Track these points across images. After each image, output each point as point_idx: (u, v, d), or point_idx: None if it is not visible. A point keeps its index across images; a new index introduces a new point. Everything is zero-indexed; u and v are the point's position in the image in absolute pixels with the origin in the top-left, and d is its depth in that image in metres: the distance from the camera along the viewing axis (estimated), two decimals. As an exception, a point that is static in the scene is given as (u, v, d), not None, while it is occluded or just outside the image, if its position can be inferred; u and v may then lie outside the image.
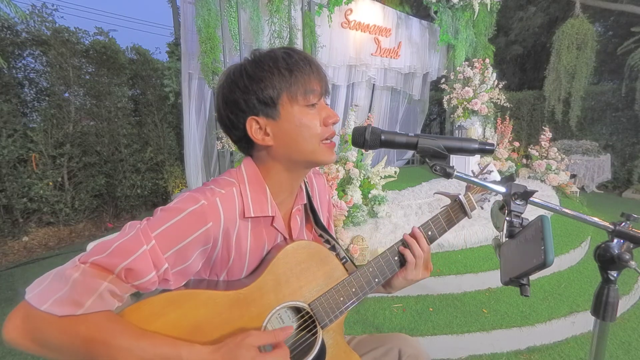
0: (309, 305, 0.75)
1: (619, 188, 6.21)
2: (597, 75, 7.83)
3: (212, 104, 3.78)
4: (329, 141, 0.73)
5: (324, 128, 0.72)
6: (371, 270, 0.80)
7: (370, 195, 3.00)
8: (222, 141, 3.04)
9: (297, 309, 0.77)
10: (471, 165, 4.53)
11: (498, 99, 4.68)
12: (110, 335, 0.55)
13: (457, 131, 4.84)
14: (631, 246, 0.58)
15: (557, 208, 0.66)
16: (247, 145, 0.75)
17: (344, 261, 0.83)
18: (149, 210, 5.12)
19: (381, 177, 3.09)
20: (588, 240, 2.92)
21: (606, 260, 0.58)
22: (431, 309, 2.10)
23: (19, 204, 3.93)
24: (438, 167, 0.68)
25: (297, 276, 0.74)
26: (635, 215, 0.60)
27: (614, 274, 0.59)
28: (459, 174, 0.69)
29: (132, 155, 5.01)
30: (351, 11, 4.31)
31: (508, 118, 5.00)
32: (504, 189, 0.66)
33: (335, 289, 0.77)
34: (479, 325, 1.94)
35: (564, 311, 2.04)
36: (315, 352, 0.75)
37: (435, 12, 4.87)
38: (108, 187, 4.84)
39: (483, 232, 2.70)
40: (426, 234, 0.84)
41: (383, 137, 0.71)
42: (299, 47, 3.66)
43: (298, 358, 0.75)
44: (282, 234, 0.78)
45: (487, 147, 0.71)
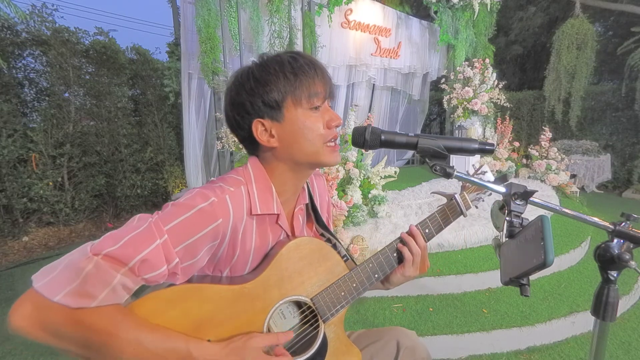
0: (311, 299, 0.77)
1: (619, 188, 6.21)
2: (597, 75, 7.84)
3: (212, 104, 3.78)
4: (332, 143, 0.75)
5: (327, 130, 0.73)
6: (371, 266, 0.83)
7: (370, 195, 3.00)
8: (222, 141, 3.03)
9: (299, 303, 0.79)
10: (471, 165, 4.54)
11: (498, 99, 4.68)
12: (122, 328, 0.56)
13: (457, 131, 4.84)
14: (631, 246, 0.58)
15: (557, 208, 0.66)
16: (252, 146, 0.77)
17: (344, 259, 0.85)
18: (149, 210, 5.04)
19: (381, 177, 3.09)
20: (588, 240, 2.92)
21: (606, 260, 0.58)
22: (431, 309, 2.10)
23: (19, 204, 3.93)
24: (438, 167, 0.68)
25: (300, 271, 0.76)
26: (635, 215, 0.60)
27: (614, 274, 0.59)
28: (458, 174, 0.69)
29: (132, 155, 5.01)
30: (351, 11, 4.31)
31: (508, 118, 5.00)
32: (504, 189, 0.66)
33: (337, 284, 0.79)
34: (479, 325, 1.94)
35: (564, 311, 2.04)
36: (317, 345, 0.77)
37: (435, 12, 4.87)
38: (108, 187, 4.84)
39: (483, 232, 2.70)
40: (423, 232, 0.86)
41: (383, 137, 0.72)
42: (298, 47, 3.67)
43: (300, 351, 0.76)
44: (285, 232, 0.79)
45: (487, 147, 0.71)
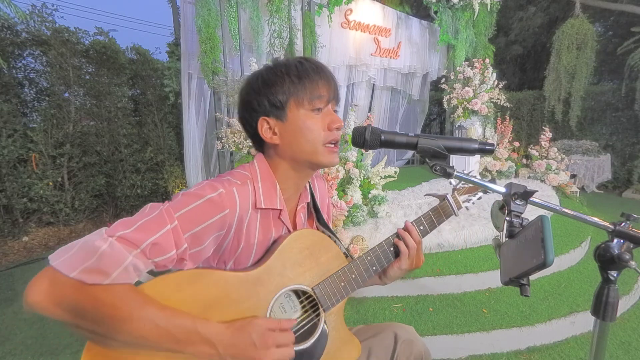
0: (312, 289, 0.80)
1: (619, 188, 6.21)
2: (597, 75, 7.84)
3: (212, 104, 3.78)
4: (332, 145, 0.78)
5: (327, 132, 0.77)
6: (369, 259, 0.86)
7: (370, 195, 3.00)
8: (222, 141, 3.03)
9: (301, 292, 0.81)
10: (471, 165, 4.54)
11: (498, 99, 4.67)
12: (132, 304, 0.59)
13: (457, 131, 4.84)
14: (631, 246, 0.58)
15: (557, 208, 0.66)
16: (259, 143, 0.82)
17: (344, 255, 0.88)
18: (149, 210, 5.06)
19: (381, 177, 3.09)
20: (588, 240, 2.92)
21: (606, 260, 0.58)
22: (431, 309, 2.10)
23: (19, 204, 3.93)
24: (438, 167, 0.68)
25: (302, 261, 0.79)
26: (635, 215, 0.60)
27: (614, 274, 0.59)
28: (459, 174, 0.69)
29: (132, 155, 5.01)
30: (351, 11, 4.31)
31: (508, 118, 4.99)
32: (504, 189, 0.66)
33: (337, 274, 0.83)
34: (479, 325, 1.94)
35: (564, 311, 2.04)
36: (318, 334, 0.80)
37: (435, 12, 4.87)
38: (108, 187, 4.84)
39: (483, 232, 2.70)
40: (418, 228, 0.92)
41: (383, 137, 0.72)
42: (298, 47, 3.67)
43: (301, 339, 0.78)
44: (287, 227, 0.83)
45: (487, 147, 0.71)
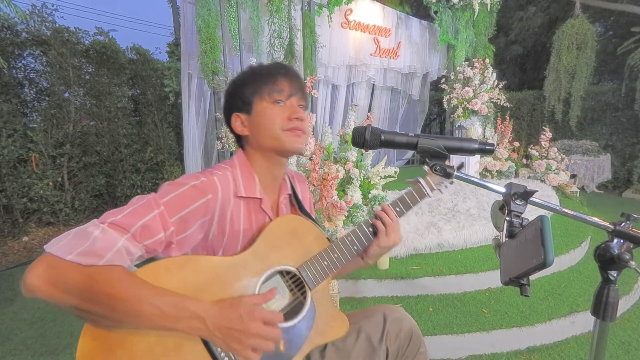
0: (297, 269, 0.84)
1: (619, 188, 6.22)
2: (597, 75, 7.83)
3: (212, 104, 3.78)
4: (294, 130, 0.85)
5: (287, 121, 0.84)
6: (350, 239, 0.91)
7: (370, 195, 3.00)
8: (222, 141, 3.04)
9: (287, 273, 0.86)
10: (472, 165, 4.54)
11: (498, 99, 4.68)
12: (127, 284, 0.63)
13: (457, 131, 4.84)
14: (631, 246, 0.58)
15: (557, 208, 0.66)
16: (237, 138, 0.91)
17: (327, 238, 0.94)
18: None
19: (381, 177, 3.09)
20: (588, 240, 2.92)
21: (606, 260, 0.58)
22: (431, 309, 2.10)
23: (19, 204, 3.93)
24: (438, 167, 0.68)
25: (286, 244, 0.85)
26: (635, 215, 0.60)
27: (614, 274, 0.59)
28: (459, 174, 0.69)
29: (132, 155, 5.01)
30: (351, 11, 4.31)
31: (508, 118, 5.00)
32: (504, 189, 0.66)
33: (320, 255, 0.87)
34: (479, 325, 1.94)
35: (564, 311, 2.04)
36: (305, 311, 0.83)
37: (435, 12, 4.87)
38: (108, 187, 4.84)
39: (483, 232, 2.70)
40: (394, 210, 0.96)
41: (383, 137, 0.72)
42: (298, 47, 3.67)
43: (290, 317, 0.82)
44: (269, 217, 0.88)
45: (487, 147, 0.71)
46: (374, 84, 5.25)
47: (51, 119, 4.12)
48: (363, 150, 3.01)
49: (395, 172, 3.13)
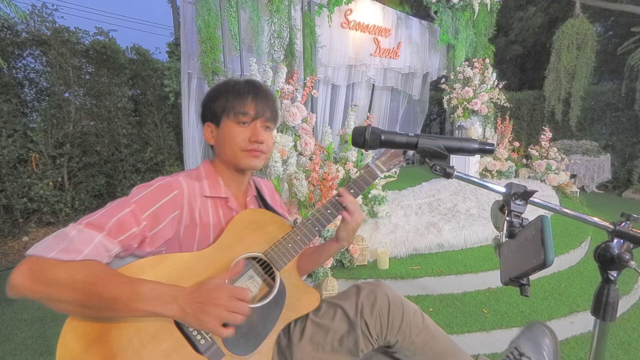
0: (263, 253, 0.91)
1: (619, 188, 6.21)
2: (597, 75, 7.83)
3: (212, 104, 3.78)
4: (253, 152, 0.92)
5: (247, 143, 0.91)
6: (310, 222, 0.97)
7: (370, 195, 3.00)
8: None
9: (255, 260, 0.93)
10: (472, 165, 4.54)
11: (498, 99, 4.68)
12: (105, 272, 0.69)
13: (457, 131, 4.84)
14: (631, 246, 0.58)
15: (557, 208, 0.66)
16: (210, 145, 0.99)
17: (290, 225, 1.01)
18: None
19: (381, 177, 3.09)
20: (588, 240, 2.92)
21: (606, 260, 0.58)
22: (431, 309, 2.10)
23: (19, 204, 3.93)
24: (438, 167, 0.68)
25: (251, 234, 0.92)
26: (635, 215, 0.60)
27: (614, 274, 0.59)
28: (459, 174, 0.69)
29: (132, 155, 5.01)
30: (351, 11, 4.31)
31: (508, 118, 5.00)
32: (504, 189, 0.66)
33: (284, 239, 0.94)
34: (479, 325, 1.94)
35: (564, 311, 2.04)
36: (277, 289, 0.89)
37: (435, 12, 4.86)
38: (108, 187, 4.84)
39: (483, 232, 2.70)
40: (349, 191, 1.01)
41: (383, 137, 0.72)
42: (298, 47, 3.66)
43: (263, 297, 0.88)
44: (237, 213, 0.95)
45: (487, 147, 0.71)
46: (374, 84, 5.24)
47: (51, 119, 4.12)
48: (363, 150, 3.01)
49: (395, 172, 3.13)
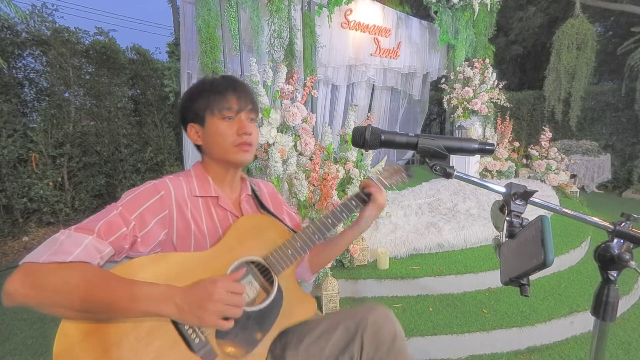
0: (263, 258, 0.91)
1: (619, 188, 6.21)
2: (597, 75, 7.83)
3: (212, 104, 3.78)
4: (244, 146, 0.92)
5: (236, 136, 0.92)
6: (311, 229, 0.97)
7: (370, 195, 2.99)
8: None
9: (254, 264, 0.93)
10: (472, 165, 4.54)
11: (498, 99, 4.68)
12: (98, 274, 0.69)
13: (457, 131, 4.84)
14: (631, 246, 0.58)
15: (557, 208, 0.66)
16: (196, 145, 0.99)
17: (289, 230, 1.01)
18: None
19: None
20: (588, 240, 2.92)
21: (606, 260, 0.58)
22: (431, 309, 2.10)
23: (19, 204, 3.93)
24: (438, 167, 0.68)
25: (252, 238, 0.92)
26: (635, 215, 0.60)
27: (614, 274, 0.59)
28: (459, 174, 0.69)
29: (132, 155, 5.01)
30: (351, 11, 4.31)
31: (508, 118, 5.00)
32: (504, 189, 0.66)
33: (284, 244, 0.94)
34: (479, 325, 1.94)
35: (564, 311, 2.04)
36: (274, 294, 0.89)
37: (435, 12, 4.87)
38: (108, 187, 4.84)
39: (483, 232, 2.70)
40: (350, 203, 1.03)
41: (383, 137, 0.72)
42: (298, 47, 3.66)
43: (260, 301, 0.89)
44: (231, 212, 0.96)
45: (487, 147, 0.71)
46: (373, 84, 5.24)
47: (51, 119, 4.12)
48: (363, 150, 3.01)
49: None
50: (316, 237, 0.97)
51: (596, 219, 0.62)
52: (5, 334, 2.24)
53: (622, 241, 0.58)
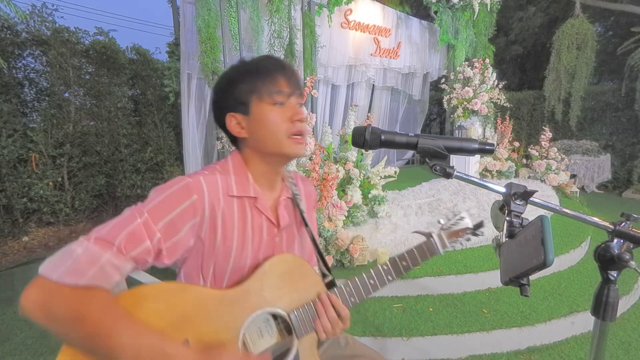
0: (288, 314, 0.79)
1: (619, 188, 6.21)
2: (597, 75, 7.83)
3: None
4: (297, 136, 0.81)
5: (290, 124, 0.79)
6: (348, 289, 0.85)
7: (370, 195, 3.00)
8: (222, 141, 3.03)
9: (276, 316, 0.81)
10: (472, 165, 4.54)
11: (498, 99, 4.67)
12: (103, 316, 0.61)
13: (457, 131, 4.84)
14: (631, 246, 0.58)
15: (557, 208, 0.66)
16: (231, 138, 0.86)
17: (325, 279, 0.88)
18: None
19: (381, 177, 3.09)
20: (588, 240, 2.92)
21: (606, 260, 0.58)
22: (431, 309, 2.10)
23: (19, 204, 3.93)
24: (438, 167, 0.68)
25: (281, 285, 0.80)
26: (635, 215, 0.60)
27: (614, 274, 0.59)
28: (459, 174, 0.69)
29: (132, 155, 5.01)
30: (351, 11, 4.30)
31: (508, 118, 5.00)
32: (504, 189, 0.66)
33: (314, 303, 0.82)
34: (479, 325, 1.94)
35: (564, 311, 2.04)
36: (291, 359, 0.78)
37: (435, 12, 4.86)
38: (108, 187, 4.84)
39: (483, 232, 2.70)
40: (400, 264, 0.89)
41: (383, 137, 0.72)
42: (298, 47, 3.66)
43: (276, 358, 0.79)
44: (266, 216, 0.83)
45: (487, 147, 0.71)
46: (373, 84, 5.24)
47: (51, 119, 4.12)
48: (363, 150, 3.01)
49: (395, 172, 3.13)
50: (352, 300, 0.85)
51: (596, 219, 0.62)
52: (5, 334, 2.24)
53: (622, 241, 0.58)
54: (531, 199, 0.64)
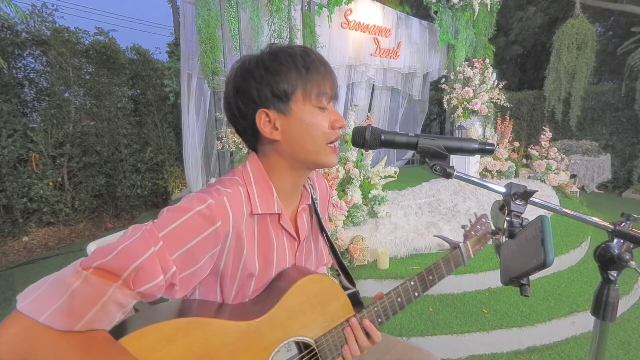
0: (315, 341, 0.74)
1: (619, 188, 6.21)
2: (597, 75, 7.83)
3: (212, 104, 3.78)
4: (333, 145, 0.73)
5: (331, 131, 0.71)
6: (376, 310, 0.81)
7: (370, 195, 3.00)
8: (222, 141, 3.03)
9: (302, 344, 0.77)
10: (472, 165, 4.54)
11: (498, 99, 4.68)
12: None
13: (457, 131, 4.84)
14: (631, 246, 0.58)
15: (557, 208, 0.66)
16: (252, 138, 0.73)
17: (347, 291, 0.83)
18: (149, 210, 5.16)
19: (381, 177, 3.09)
20: (588, 240, 2.92)
21: (606, 260, 0.58)
22: (431, 309, 2.10)
23: (19, 204, 3.93)
24: (438, 167, 0.68)
25: (307, 311, 0.74)
26: (635, 215, 0.60)
27: (614, 274, 0.59)
28: (459, 174, 0.69)
29: (132, 155, 5.01)
30: (351, 11, 4.31)
31: (508, 118, 5.00)
32: (504, 189, 0.66)
33: (342, 326, 0.78)
34: (479, 325, 1.94)
35: (564, 311, 2.04)
36: None
37: (435, 12, 4.87)
38: (108, 187, 4.84)
39: (483, 232, 2.70)
40: (427, 278, 0.86)
41: (383, 137, 0.71)
42: (299, 47, 3.67)
43: None
44: (288, 232, 0.76)
45: (487, 147, 0.71)
46: (373, 84, 5.24)
47: (51, 119, 4.12)
48: (363, 150, 3.01)
49: (395, 172, 3.13)
50: (379, 321, 0.81)
51: (596, 219, 0.62)
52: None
53: (622, 241, 0.58)
54: (531, 199, 0.64)
